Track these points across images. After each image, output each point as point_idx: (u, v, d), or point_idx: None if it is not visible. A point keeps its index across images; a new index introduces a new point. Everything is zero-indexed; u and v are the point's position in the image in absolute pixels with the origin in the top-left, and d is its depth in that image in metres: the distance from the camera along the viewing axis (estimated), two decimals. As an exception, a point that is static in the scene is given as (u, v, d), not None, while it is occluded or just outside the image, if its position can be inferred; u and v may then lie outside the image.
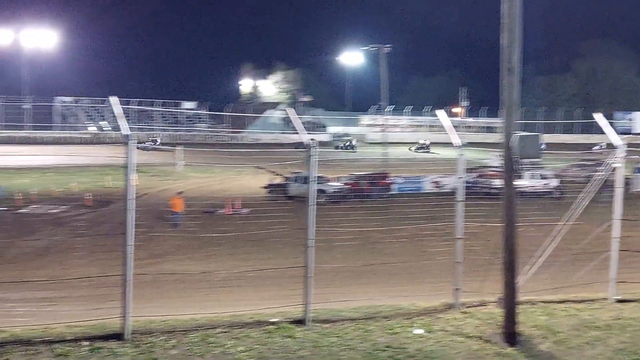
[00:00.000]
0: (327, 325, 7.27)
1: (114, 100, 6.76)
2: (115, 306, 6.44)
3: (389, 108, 41.01)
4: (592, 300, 8.71)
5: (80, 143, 39.43)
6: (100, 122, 46.13)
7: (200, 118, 51.61)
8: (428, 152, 40.93)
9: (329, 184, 20.42)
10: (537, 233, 9.49)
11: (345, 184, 21.40)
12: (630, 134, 39.25)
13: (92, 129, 44.21)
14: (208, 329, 6.85)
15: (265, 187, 21.26)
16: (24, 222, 17.49)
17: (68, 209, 19.23)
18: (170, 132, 41.71)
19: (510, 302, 7.11)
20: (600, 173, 9.09)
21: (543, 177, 20.57)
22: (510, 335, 6.97)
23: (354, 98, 59.04)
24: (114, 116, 7.45)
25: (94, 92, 48.23)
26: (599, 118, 9.03)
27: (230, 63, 65.88)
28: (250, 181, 22.73)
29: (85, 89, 49.81)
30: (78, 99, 49.50)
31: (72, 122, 47.75)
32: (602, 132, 8.83)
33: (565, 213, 8.82)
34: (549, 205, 13.87)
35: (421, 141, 43.44)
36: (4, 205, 19.24)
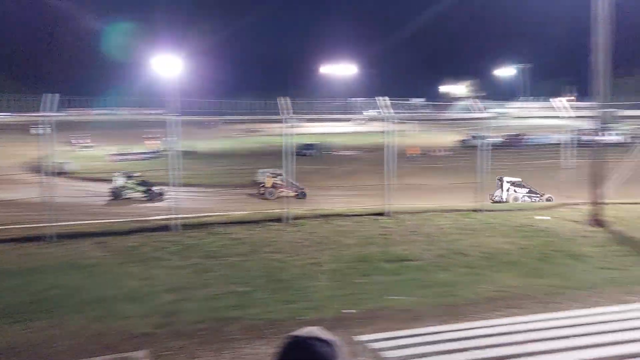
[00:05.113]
0: (491, 212, 14.18)
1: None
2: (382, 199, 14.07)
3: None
4: None
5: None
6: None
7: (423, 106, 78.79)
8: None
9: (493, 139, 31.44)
10: (612, 165, 15.61)
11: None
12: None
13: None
14: (429, 212, 14.00)
15: (458, 141, 37.83)
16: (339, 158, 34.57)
17: (359, 152, 36.75)
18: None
19: (595, 203, 13.31)
20: None
21: (616, 134, 31.76)
22: (597, 221, 12.97)
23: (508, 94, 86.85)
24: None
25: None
26: None
27: (436, 75, 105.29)
28: (451, 137, 40.18)
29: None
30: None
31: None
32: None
33: (630, 155, 17.48)
34: (620, 151, 19.37)
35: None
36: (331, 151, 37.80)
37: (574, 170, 15.79)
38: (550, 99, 23.05)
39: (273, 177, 20.31)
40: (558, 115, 17.72)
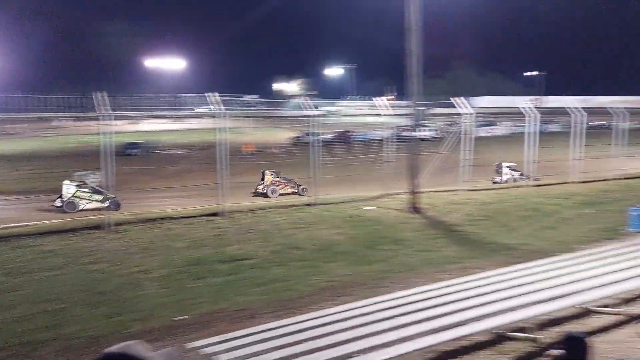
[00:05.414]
0: (324, 205, 15.01)
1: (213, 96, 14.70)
2: (215, 199, 14.05)
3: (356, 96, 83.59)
4: (454, 190, 17.34)
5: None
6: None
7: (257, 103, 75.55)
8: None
9: (324, 135, 31.79)
10: (426, 158, 17.74)
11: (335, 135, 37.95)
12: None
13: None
14: (265, 209, 14.41)
15: (292, 138, 37.12)
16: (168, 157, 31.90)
17: (190, 151, 34.31)
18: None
19: (413, 192, 14.93)
20: (457, 127, 18.55)
21: (429, 130, 34.36)
22: (415, 209, 14.62)
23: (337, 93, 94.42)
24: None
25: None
26: (456, 100, 18.46)
27: (270, 73, 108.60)
28: (285, 134, 38.54)
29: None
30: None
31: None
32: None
33: (440, 148, 19.11)
34: (431, 145, 21.27)
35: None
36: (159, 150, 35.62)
37: (395, 163, 17.37)
38: (374, 98, 25.08)
39: (272, 174, 19.16)
40: (380, 113, 19.32)
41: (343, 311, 7.09)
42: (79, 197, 16.20)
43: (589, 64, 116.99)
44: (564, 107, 22.17)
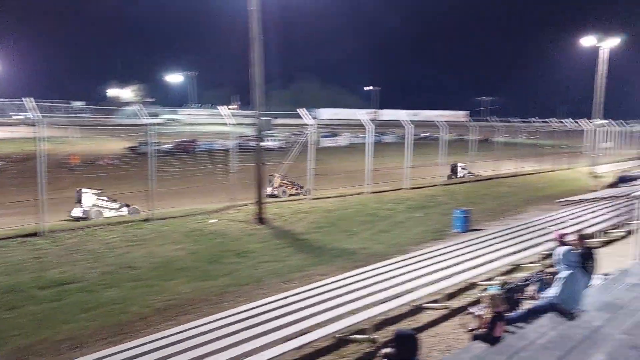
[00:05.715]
0: (162, 220, 14.06)
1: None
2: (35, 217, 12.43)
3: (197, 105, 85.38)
4: (300, 199, 18.10)
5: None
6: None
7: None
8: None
9: (163, 145, 29.80)
10: (272, 168, 18.64)
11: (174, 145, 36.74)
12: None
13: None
14: (94, 227, 13.22)
15: (127, 148, 33.52)
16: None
17: (3, 163, 29.54)
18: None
19: (259, 203, 14.93)
20: (302, 137, 19.30)
21: (274, 140, 35.70)
22: (260, 219, 14.70)
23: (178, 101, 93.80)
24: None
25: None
26: (300, 111, 19.17)
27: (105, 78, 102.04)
28: (119, 144, 34.48)
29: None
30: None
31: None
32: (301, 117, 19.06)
33: (285, 158, 19.73)
34: (277, 155, 21.96)
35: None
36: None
37: (240, 173, 17.26)
38: (218, 107, 24.69)
39: (279, 177, 20.06)
40: (225, 122, 19.08)
41: (182, 331, 6.78)
42: (99, 206, 15.94)
43: (416, 81, 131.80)
44: (397, 120, 24.18)
